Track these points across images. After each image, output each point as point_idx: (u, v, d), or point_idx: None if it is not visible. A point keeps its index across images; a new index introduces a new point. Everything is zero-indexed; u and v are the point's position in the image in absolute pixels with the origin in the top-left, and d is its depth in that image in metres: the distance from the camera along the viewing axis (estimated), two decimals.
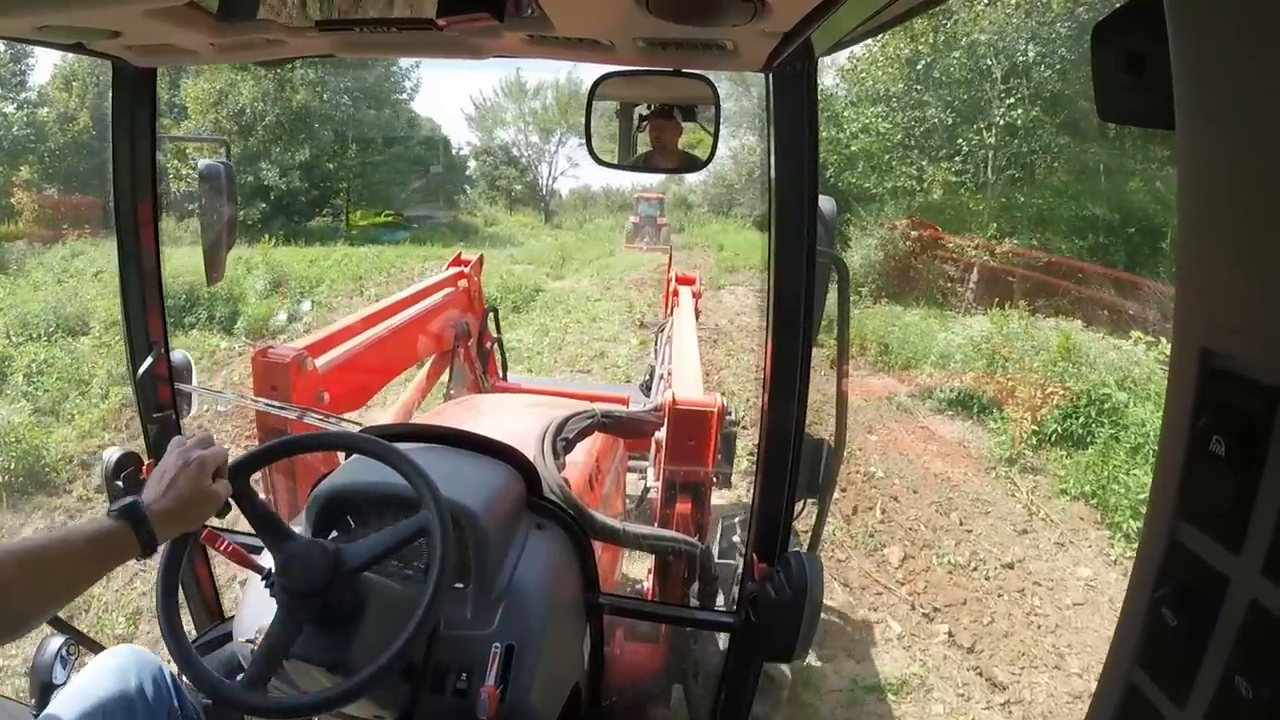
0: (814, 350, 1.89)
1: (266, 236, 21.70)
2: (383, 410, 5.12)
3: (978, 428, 10.07)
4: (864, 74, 20.97)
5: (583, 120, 1.95)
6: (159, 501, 1.42)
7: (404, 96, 32.33)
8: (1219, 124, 0.51)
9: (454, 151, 35.86)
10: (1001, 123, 18.54)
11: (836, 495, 6.54)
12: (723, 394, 6.89)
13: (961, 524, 7.43)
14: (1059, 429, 8.99)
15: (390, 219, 28.41)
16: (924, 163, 20.23)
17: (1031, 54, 17.76)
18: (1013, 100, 18.28)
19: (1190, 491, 0.57)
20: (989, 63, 18.58)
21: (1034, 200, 18.46)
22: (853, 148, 20.81)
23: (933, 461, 8.92)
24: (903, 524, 7.34)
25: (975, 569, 6.55)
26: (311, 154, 26.74)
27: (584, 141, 2.03)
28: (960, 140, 19.24)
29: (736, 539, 3.80)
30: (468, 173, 37.33)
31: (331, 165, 27.89)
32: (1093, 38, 0.71)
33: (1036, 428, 9.12)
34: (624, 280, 20.55)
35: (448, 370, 5.02)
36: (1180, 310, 0.57)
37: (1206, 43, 0.50)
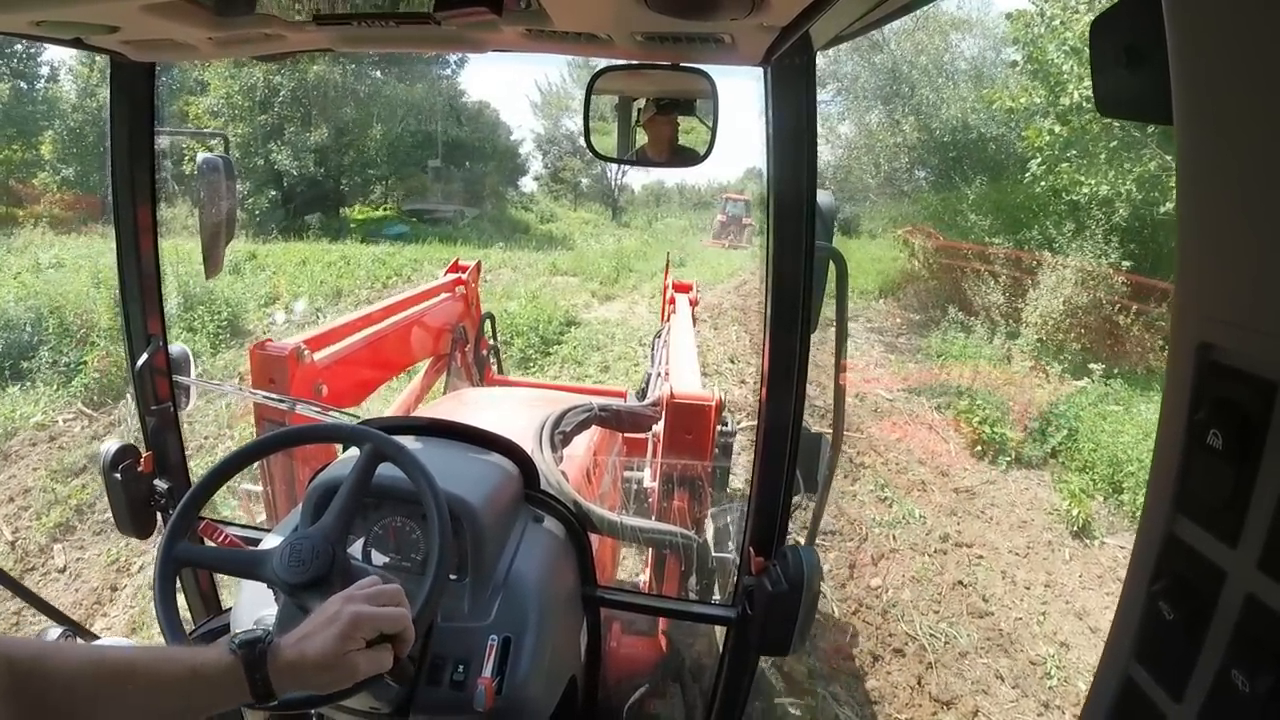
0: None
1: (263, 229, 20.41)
2: (381, 411, 5.09)
3: None
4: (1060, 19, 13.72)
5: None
6: (289, 649, 1.18)
7: (446, 72, 29.89)
8: (1217, 118, 0.51)
9: (508, 138, 33.36)
10: None
11: None
12: None
13: None
14: None
15: (387, 213, 27.06)
16: (1163, 155, 12.64)
17: None
18: None
19: (1187, 485, 0.57)
20: None
21: None
22: (1058, 129, 13.87)
23: None
24: None
25: None
26: (330, 136, 24.72)
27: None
28: None
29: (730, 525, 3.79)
30: (519, 162, 34.52)
31: (371, 149, 25.81)
32: (1090, 32, 0.72)
33: None
34: (700, 303, 14.46)
35: (444, 375, 5.04)
36: (1178, 304, 0.57)
37: (1204, 36, 0.50)
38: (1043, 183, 14.27)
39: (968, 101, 18.79)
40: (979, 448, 8.81)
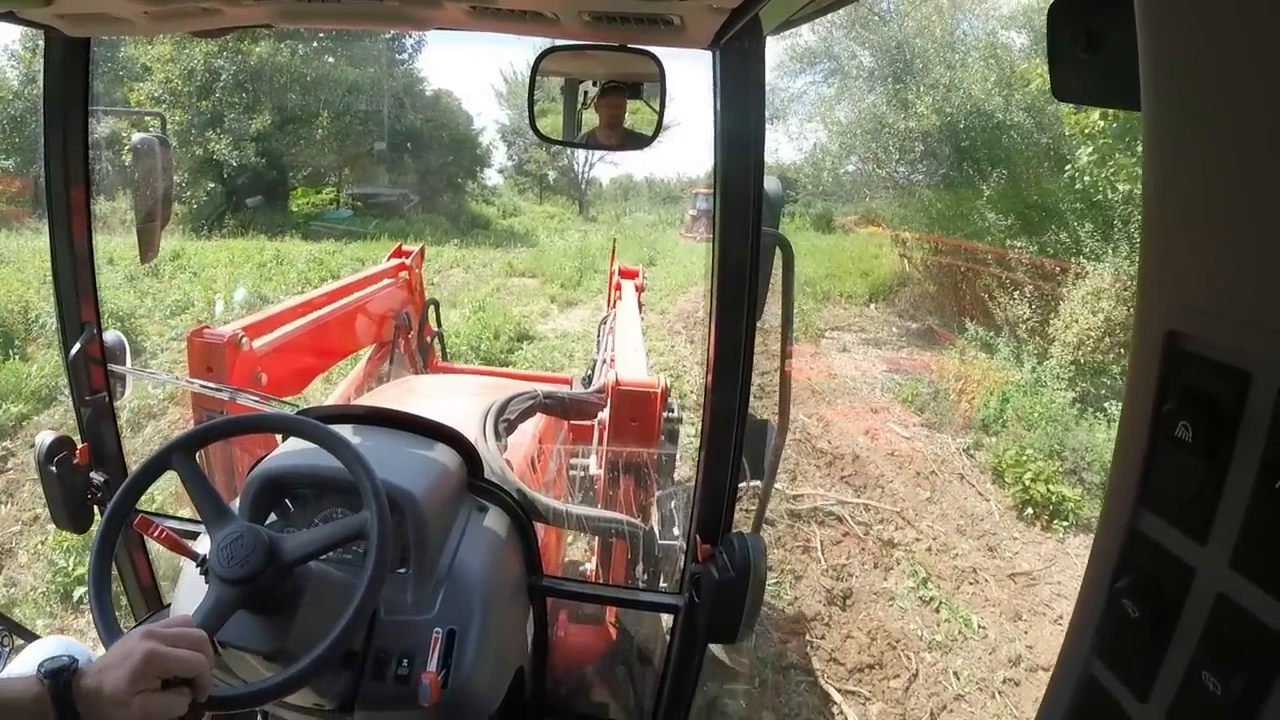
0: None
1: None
2: (322, 399, 5.00)
3: None
4: None
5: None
6: (90, 678, 1.14)
7: (403, 56, 28.04)
8: (1186, 103, 0.50)
9: (468, 126, 31.51)
10: None
11: None
12: None
13: None
14: None
15: (331, 198, 26.01)
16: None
17: None
18: None
19: (1152, 479, 0.56)
20: None
21: None
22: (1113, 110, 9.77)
23: None
24: None
25: None
26: (275, 122, 23.30)
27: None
28: None
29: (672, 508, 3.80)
30: (479, 152, 32.29)
31: (319, 135, 24.35)
32: (1049, 16, 0.71)
33: None
34: (671, 310, 13.32)
35: (387, 362, 4.98)
36: (1144, 292, 0.57)
37: (1173, 20, 0.49)
38: (1088, 176, 11.52)
39: (989, 81, 15.97)
40: (1029, 510, 7.21)
